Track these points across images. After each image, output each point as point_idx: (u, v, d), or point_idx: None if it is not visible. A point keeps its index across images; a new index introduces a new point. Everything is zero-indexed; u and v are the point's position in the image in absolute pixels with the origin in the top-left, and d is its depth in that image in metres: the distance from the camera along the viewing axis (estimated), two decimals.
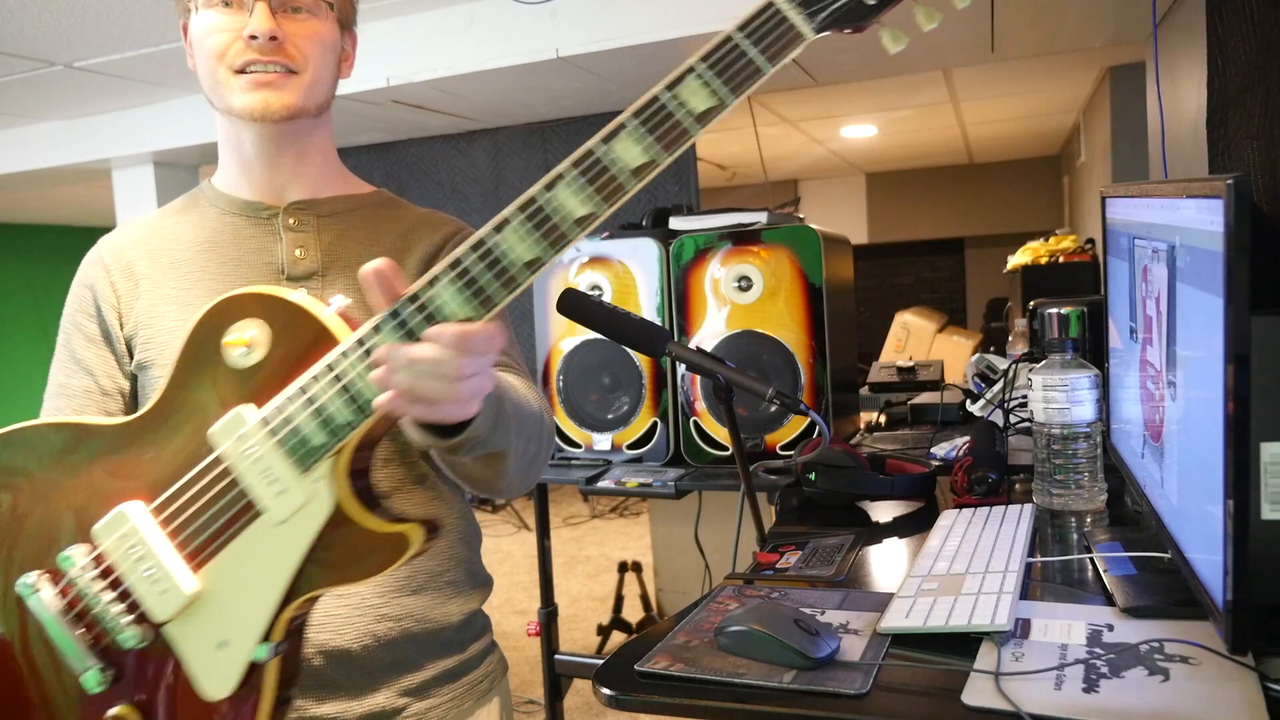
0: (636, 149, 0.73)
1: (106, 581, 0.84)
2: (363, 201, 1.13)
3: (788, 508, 1.56)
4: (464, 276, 0.75)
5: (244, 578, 0.81)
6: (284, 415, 0.79)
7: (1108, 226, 1.45)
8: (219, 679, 0.81)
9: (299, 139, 1.06)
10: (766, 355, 2.18)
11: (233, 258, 1.05)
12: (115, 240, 1.09)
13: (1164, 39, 2.19)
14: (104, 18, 2.48)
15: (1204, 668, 0.85)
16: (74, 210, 6.01)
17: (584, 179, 0.73)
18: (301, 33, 1.00)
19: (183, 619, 0.82)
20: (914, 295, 8.07)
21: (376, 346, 0.76)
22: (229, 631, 0.81)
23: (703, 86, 0.72)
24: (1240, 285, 0.79)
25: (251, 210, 1.07)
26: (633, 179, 0.73)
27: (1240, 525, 0.81)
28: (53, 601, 0.84)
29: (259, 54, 0.98)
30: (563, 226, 0.73)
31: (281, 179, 1.07)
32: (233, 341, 0.83)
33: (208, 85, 1.02)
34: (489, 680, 1.15)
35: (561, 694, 2.49)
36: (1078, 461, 1.36)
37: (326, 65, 1.04)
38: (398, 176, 3.87)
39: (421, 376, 0.73)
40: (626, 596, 3.49)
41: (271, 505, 0.80)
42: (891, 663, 0.92)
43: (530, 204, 0.74)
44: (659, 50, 2.65)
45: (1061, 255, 3.58)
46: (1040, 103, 4.60)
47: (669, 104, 0.73)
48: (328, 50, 1.03)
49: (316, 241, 1.06)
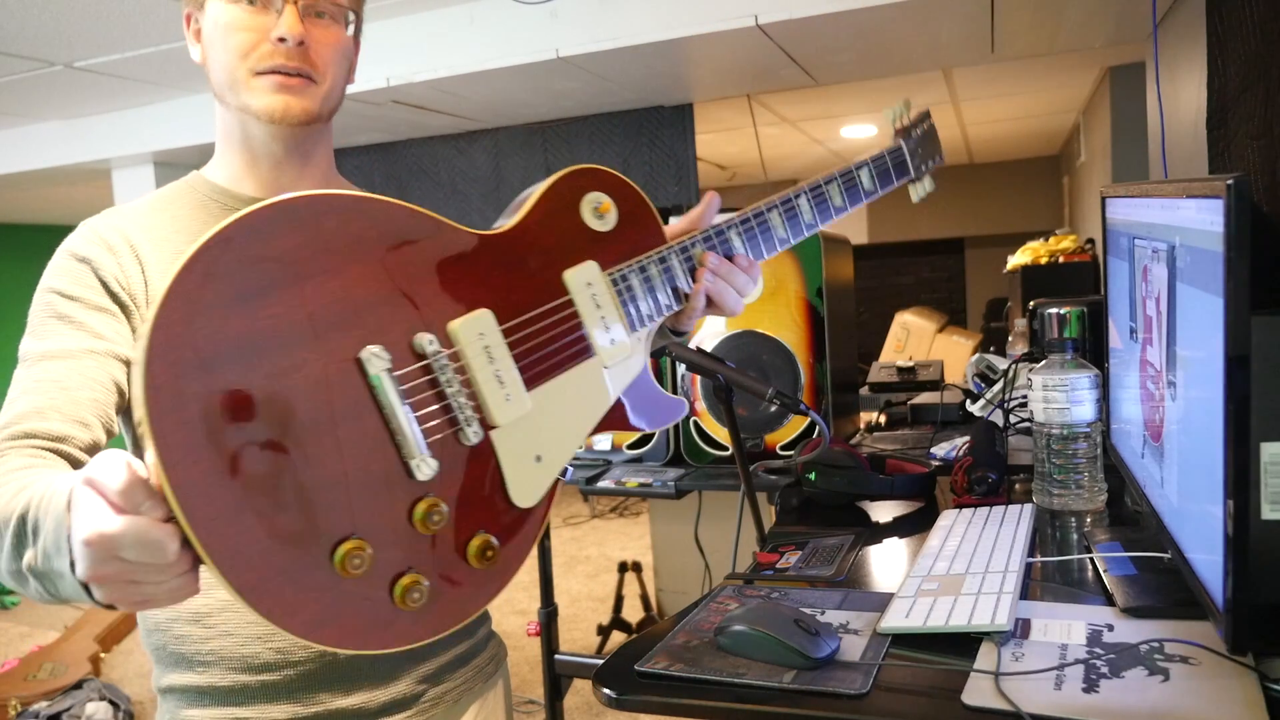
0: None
1: (462, 376, 0.83)
2: None
3: (788, 508, 1.56)
4: (747, 226, 1.05)
5: (567, 405, 0.91)
6: (626, 281, 0.96)
7: (1108, 226, 1.45)
8: (531, 489, 0.86)
9: (307, 142, 1.07)
10: (766, 355, 2.18)
11: None
12: (114, 221, 1.02)
13: (1164, 39, 2.19)
14: (104, 18, 2.48)
15: (1204, 668, 0.85)
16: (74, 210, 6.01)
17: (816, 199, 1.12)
18: (324, 39, 1.01)
19: (512, 428, 0.85)
20: (914, 295, 8.07)
21: (694, 254, 1.01)
22: (547, 448, 0.88)
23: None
24: (1240, 285, 0.79)
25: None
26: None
27: (1240, 525, 0.81)
28: (404, 379, 0.79)
29: (285, 58, 0.98)
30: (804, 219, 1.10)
31: (286, 179, 1.07)
32: (592, 206, 0.96)
33: (222, 81, 1.01)
34: (494, 662, 1.19)
35: (561, 694, 2.49)
36: (1078, 461, 1.36)
37: (342, 73, 1.05)
38: (398, 176, 3.87)
39: (721, 281, 1.01)
40: (626, 596, 3.49)
41: (603, 350, 0.93)
42: (891, 663, 0.92)
43: (788, 201, 1.08)
44: (659, 50, 2.65)
45: (1061, 255, 3.58)
46: (1040, 103, 4.60)
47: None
48: (344, 58, 1.05)
49: None
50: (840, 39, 2.62)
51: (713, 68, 2.92)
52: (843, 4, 2.34)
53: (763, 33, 2.51)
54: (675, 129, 3.47)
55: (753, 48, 2.67)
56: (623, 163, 3.52)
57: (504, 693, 1.22)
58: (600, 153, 3.56)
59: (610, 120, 3.53)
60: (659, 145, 3.49)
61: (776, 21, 2.42)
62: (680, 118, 3.46)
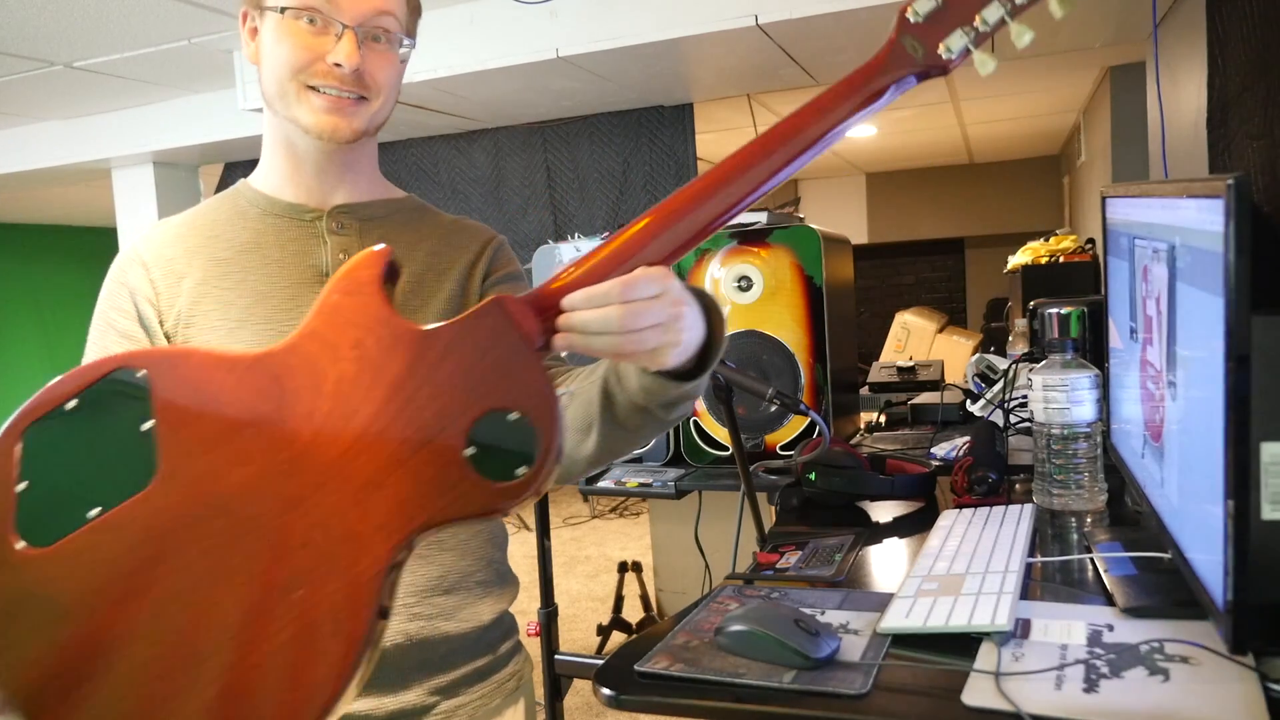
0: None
1: None
2: (400, 206, 1.14)
3: (788, 508, 1.56)
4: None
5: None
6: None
7: (1108, 226, 1.45)
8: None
9: (351, 154, 1.07)
10: (766, 355, 2.18)
11: (275, 259, 1.05)
12: (154, 237, 1.07)
13: (1164, 39, 2.19)
14: (104, 18, 2.48)
15: (1204, 668, 0.85)
16: (74, 210, 6.01)
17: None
18: (380, 63, 1.01)
19: None
20: (914, 295, 8.07)
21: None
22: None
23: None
24: (1240, 285, 0.79)
25: (295, 212, 1.07)
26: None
27: (1240, 525, 0.81)
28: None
29: (340, 82, 0.99)
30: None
31: (328, 185, 1.08)
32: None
33: (273, 90, 1.02)
34: (516, 679, 1.16)
35: (561, 694, 2.49)
36: (1078, 461, 1.36)
37: (393, 93, 1.05)
38: (398, 176, 3.87)
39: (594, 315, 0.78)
40: (626, 596, 3.49)
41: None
42: (891, 663, 0.92)
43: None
44: (659, 50, 2.65)
45: (1061, 255, 3.57)
46: (1040, 103, 4.60)
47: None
48: (397, 79, 1.05)
49: (359, 244, 1.06)
50: (840, 39, 2.62)
51: (713, 68, 2.92)
52: (843, 4, 2.34)
53: (763, 32, 2.51)
54: (675, 129, 3.47)
55: (753, 48, 2.67)
56: (623, 163, 3.52)
57: (526, 711, 1.18)
58: (600, 153, 3.56)
59: (610, 120, 3.53)
60: (659, 145, 3.49)
61: (776, 21, 2.42)
62: (680, 118, 3.46)
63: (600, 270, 0.79)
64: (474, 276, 1.11)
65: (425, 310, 1.07)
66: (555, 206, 3.68)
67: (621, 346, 0.77)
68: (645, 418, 0.92)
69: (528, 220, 3.72)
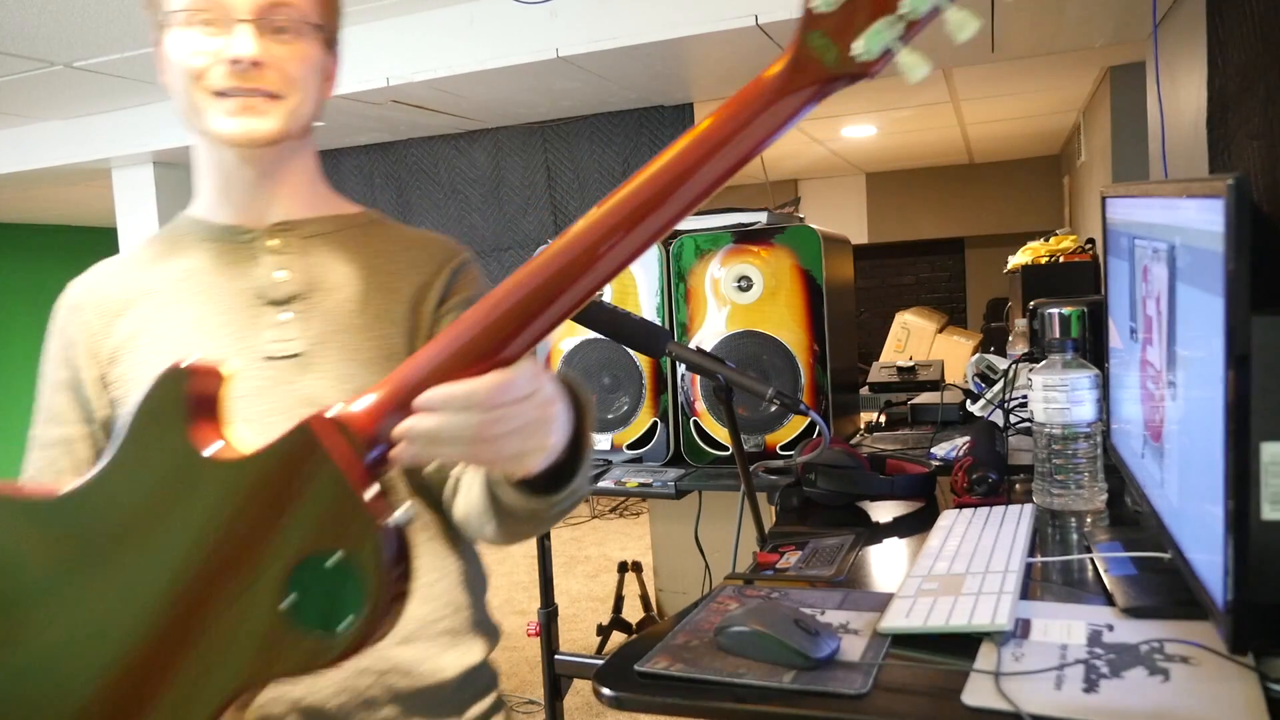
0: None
1: None
2: (350, 221, 1.07)
3: (788, 508, 1.56)
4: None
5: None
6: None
7: (1108, 226, 1.45)
8: None
9: (281, 161, 1.01)
10: (766, 355, 2.18)
11: (209, 284, 1.00)
12: (87, 279, 1.03)
13: (1164, 39, 2.19)
14: (104, 18, 2.48)
15: (1204, 668, 0.85)
16: (74, 210, 6.01)
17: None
18: (286, 56, 0.94)
19: None
20: (914, 295, 8.06)
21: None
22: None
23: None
24: (1240, 285, 0.79)
25: (231, 234, 1.02)
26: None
27: (1240, 525, 0.81)
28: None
29: (240, 80, 0.92)
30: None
31: (262, 201, 1.02)
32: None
33: (184, 106, 0.97)
34: None
35: (561, 694, 2.49)
36: (1078, 461, 1.36)
37: (311, 88, 0.98)
38: (398, 176, 3.87)
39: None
40: (626, 596, 3.49)
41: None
42: (891, 663, 0.92)
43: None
44: (659, 50, 2.65)
45: (1061, 255, 3.57)
46: (1040, 103, 4.59)
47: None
48: (313, 72, 0.98)
49: (301, 263, 1.01)
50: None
51: (713, 68, 2.92)
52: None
53: (763, 32, 2.51)
54: (675, 129, 3.47)
55: (753, 47, 2.67)
56: (623, 163, 3.52)
57: None
58: (600, 153, 3.56)
59: (610, 120, 3.53)
60: (659, 145, 3.49)
61: (776, 21, 2.42)
62: (680, 118, 3.46)
63: (465, 356, 0.68)
64: (426, 301, 1.03)
65: (368, 334, 0.99)
66: (555, 206, 3.68)
67: (476, 456, 0.68)
68: (536, 516, 0.85)
69: (528, 220, 3.72)
